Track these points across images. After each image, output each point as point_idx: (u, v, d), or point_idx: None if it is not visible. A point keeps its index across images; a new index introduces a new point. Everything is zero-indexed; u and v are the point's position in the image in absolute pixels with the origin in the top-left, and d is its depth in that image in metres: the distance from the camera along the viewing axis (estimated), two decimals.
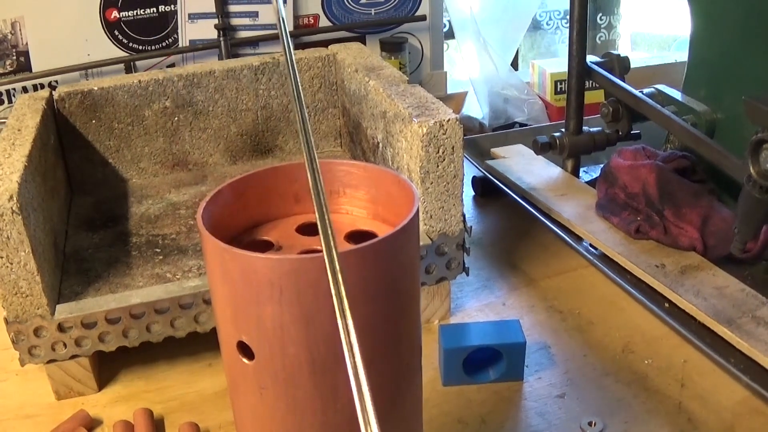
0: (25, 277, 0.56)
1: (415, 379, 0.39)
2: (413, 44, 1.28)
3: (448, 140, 0.61)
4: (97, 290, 0.63)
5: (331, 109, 0.89)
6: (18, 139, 0.65)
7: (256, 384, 0.35)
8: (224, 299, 0.34)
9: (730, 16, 0.75)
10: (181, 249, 0.70)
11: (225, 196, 0.38)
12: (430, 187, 0.63)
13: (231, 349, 0.35)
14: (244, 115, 0.86)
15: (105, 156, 0.83)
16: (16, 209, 0.54)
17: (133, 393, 0.62)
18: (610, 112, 0.84)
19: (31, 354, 0.58)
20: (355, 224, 0.40)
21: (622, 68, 0.87)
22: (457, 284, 0.74)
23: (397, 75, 0.73)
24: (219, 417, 0.59)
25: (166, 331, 0.60)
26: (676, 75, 0.97)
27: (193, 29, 1.17)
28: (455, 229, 0.65)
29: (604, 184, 0.78)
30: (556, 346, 0.65)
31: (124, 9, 1.14)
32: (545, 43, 1.55)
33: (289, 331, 0.32)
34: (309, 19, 1.22)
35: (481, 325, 0.63)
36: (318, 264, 0.31)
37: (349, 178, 0.41)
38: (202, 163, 0.87)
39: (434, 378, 0.62)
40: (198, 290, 0.59)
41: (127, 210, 0.78)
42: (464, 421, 0.58)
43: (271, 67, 0.85)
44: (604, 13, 1.51)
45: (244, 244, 0.39)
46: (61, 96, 0.79)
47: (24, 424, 0.60)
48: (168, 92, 0.82)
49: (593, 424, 0.55)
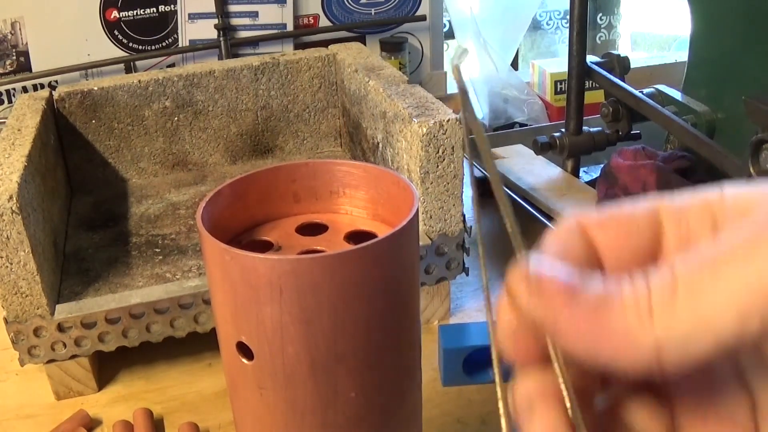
0: (24, 277, 0.56)
1: (415, 379, 0.39)
2: (413, 44, 1.28)
3: (448, 140, 0.61)
4: (96, 290, 0.63)
5: (331, 109, 0.89)
6: (18, 139, 0.65)
7: (256, 384, 0.35)
8: (224, 299, 0.34)
9: (730, 16, 0.75)
10: (180, 249, 0.70)
11: (225, 196, 0.38)
12: (430, 187, 0.62)
13: (230, 349, 0.35)
14: (244, 115, 0.86)
15: (105, 156, 0.83)
16: (15, 209, 0.54)
17: (132, 393, 0.62)
18: (610, 112, 0.84)
19: (31, 354, 0.58)
20: (355, 224, 0.40)
21: (622, 68, 0.87)
22: (456, 284, 0.74)
23: (397, 75, 0.73)
24: (219, 417, 0.59)
25: (165, 331, 0.60)
26: (676, 75, 0.97)
27: (193, 29, 1.17)
28: (455, 229, 0.65)
29: (604, 184, 0.78)
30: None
31: (124, 9, 1.14)
32: (545, 43, 1.55)
33: (288, 331, 0.32)
34: (309, 19, 1.22)
35: (481, 325, 0.63)
36: (318, 264, 0.31)
37: (349, 178, 0.41)
38: (202, 163, 0.87)
39: (434, 378, 0.62)
40: (198, 290, 0.59)
41: (127, 210, 0.78)
42: (464, 421, 0.58)
43: (271, 67, 0.85)
44: (604, 13, 1.51)
45: (243, 244, 0.39)
46: (61, 96, 0.79)
47: (24, 424, 0.60)
48: (168, 92, 0.82)
49: None
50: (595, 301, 0.21)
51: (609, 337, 0.21)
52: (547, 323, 0.22)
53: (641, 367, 0.21)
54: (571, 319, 0.21)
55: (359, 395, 0.35)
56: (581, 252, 0.24)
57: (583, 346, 0.21)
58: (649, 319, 0.20)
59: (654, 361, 0.20)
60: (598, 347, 0.21)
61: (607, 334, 0.21)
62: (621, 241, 0.24)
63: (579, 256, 0.24)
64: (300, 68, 0.86)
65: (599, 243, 0.24)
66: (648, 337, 0.20)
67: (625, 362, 0.21)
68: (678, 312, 0.20)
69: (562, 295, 0.22)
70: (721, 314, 0.20)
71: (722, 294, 0.20)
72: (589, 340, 0.21)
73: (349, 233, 0.40)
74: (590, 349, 0.21)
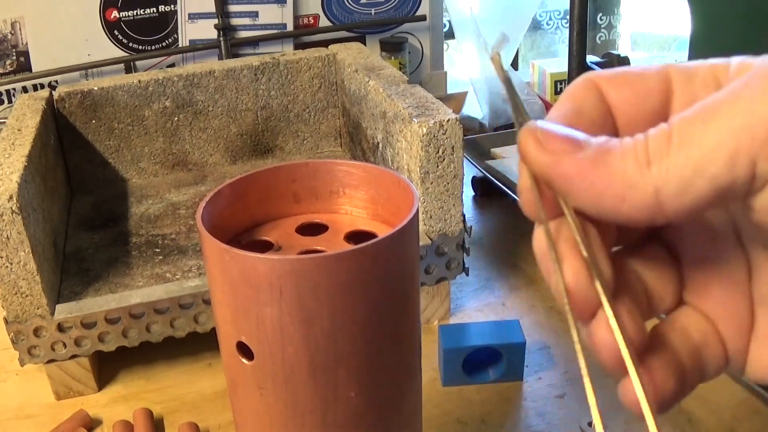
0: (24, 277, 0.56)
1: (415, 379, 0.39)
2: (413, 44, 1.28)
3: (448, 140, 0.61)
4: (96, 290, 0.63)
5: (331, 109, 0.89)
6: (18, 139, 0.65)
7: (256, 384, 0.35)
8: (223, 299, 0.34)
9: (730, 16, 0.75)
10: (180, 249, 0.70)
11: (224, 196, 0.38)
12: (430, 187, 0.62)
13: (230, 349, 0.35)
14: (244, 115, 0.86)
15: (105, 156, 0.83)
16: (15, 209, 0.54)
17: (132, 393, 0.62)
18: None
19: (31, 354, 0.58)
20: (355, 224, 0.40)
21: None
22: (456, 284, 0.74)
23: (397, 75, 0.73)
24: (219, 417, 0.59)
25: (165, 331, 0.60)
26: None
27: (193, 29, 1.17)
28: (455, 229, 0.65)
29: None
30: (556, 346, 0.65)
31: (124, 9, 1.14)
32: (545, 43, 1.55)
33: (288, 331, 0.32)
34: (309, 19, 1.22)
35: (480, 326, 0.63)
36: (318, 264, 0.31)
37: (349, 178, 0.41)
38: (202, 163, 0.87)
39: (434, 378, 0.62)
40: (198, 290, 0.59)
41: (127, 210, 0.78)
42: (464, 421, 0.58)
43: (271, 67, 0.85)
44: (604, 13, 1.51)
45: (243, 244, 0.39)
46: (61, 96, 0.79)
47: (24, 424, 0.60)
48: (168, 92, 0.82)
49: (593, 425, 0.55)
50: (596, 151, 0.22)
51: (610, 184, 0.22)
52: (553, 174, 0.23)
53: (643, 214, 0.22)
54: (574, 167, 0.22)
55: (359, 395, 0.35)
56: (595, 109, 0.25)
57: (586, 195, 0.23)
58: (647, 166, 0.21)
59: (655, 207, 0.22)
60: (601, 195, 0.22)
61: (608, 181, 0.22)
62: (633, 100, 0.25)
63: (592, 113, 0.25)
64: (300, 68, 0.86)
65: (612, 101, 0.25)
66: (647, 183, 0.21)
67: (628, 208, 0.22)
68: (672, 158, 0.21)
69: (565, 146, 0.23)
70: (712, 158, 0.21)
71: (712, 138, 0.21)
72: (592, 188, 0.22)
73: (349, 233, 0.40)
74: (593, 198, 0.22)
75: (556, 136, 0.23)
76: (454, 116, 0.61)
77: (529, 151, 0.23)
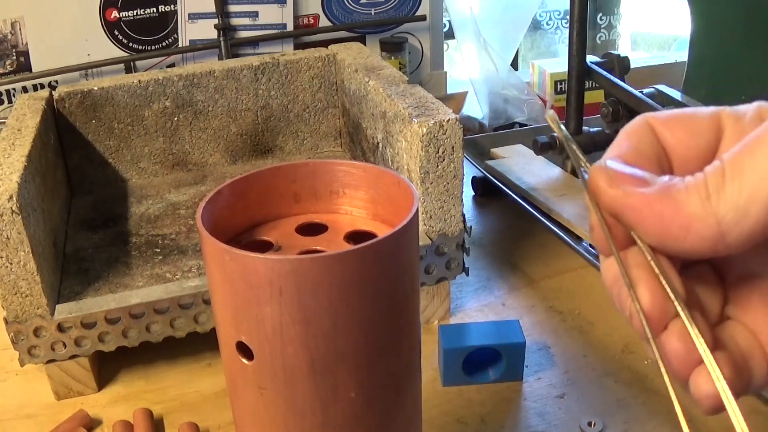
0: (24, 277, 0.56)
1: (414, 379, 0.39)
2: (413, 44, 1.28)
3: (448, 140, 0.61)
4: (96, 290, 0.63)
5: (331, 109, 0.89)
6: (18, 139, 0.65)
7: (256, 384, 0.35)
8: (223, 299, 0.34)
9: (730, 16, 0.75)
10: (180, 249, 0.70)
11: (224, 196, 0.38)
12: (430, 187, 0.63)
13: (230, 349, 0.35)
14: (244, 115, 0.86)
15: (105, 156, 0.83)
16: (15, 209, 0.54)
17: (132, 393, 0.62)
18: (610, 112, 0.84)
19: (31, 354, 0.58)
20: (355, 224, 0.40)
21: (622, 68, 0.87)
22: (456, 284, 0.74)
23: (397, 75, 0.73)
24: (219, 417, 0.59)
25: (165, 331, 0.60)
26: (676, 75, 0.97)
27: (193, 29, 1.17)
28: (455, 229, 0.65)
29: None
30: (556, 346, 0.65)
31: (124, 9, 1.14)
32: (545, 43, 1.55)
33: (288, 331, 0.32)
34: (309, 19, 1.22)
35: (480, 326, 0.63)
36: (318, 264, 0.31)
37: (349, 179, 0.41)
38: (202, 163, 0.87)
39: (434, 378, 0.62)
40: (198, 290, 0.59)
41: (127, 210, 0.78)
42: (464, 421, 0.58)
43: (271, 67, 0.85)
44: (604, 13, 1.51)
45: (243, 244, 0.39)
46: (61, 96, 0.79)
47: (24, 424, 0.60)
48: (168, 92, 0.82)
49: (593, 425, 0.55)
50: (661, 186, 0.25)
51: (677, 215, 0.24)
52: (623, 207, 0.26)
53: (707, 244, 0.24)
54: (644, 200, 0.25)
55: (359, 395, 0.35)
56: (651, 149, 0.28)
57: (653, 226, 0.25)
58: (707, 199, 0.24)
59: (717, 236, 0.24)
60: (668, 225, 0.25)
61: (675, 212, 0.24)
62: (686, 140, 0.28)
63: (649, 152, 0.27)
64: (300, 68, 0.86)
65: (667, 140, 0.28)
66: (709, 214, 0.24)
67: (692, 238, 0.24)
68: (728, 189, 0.24)
69: (634, 182, 0.26)
70: (762, 185, 0.23)
71: (760, 166, 0.23)
72: (660, 219, 0.25)
73: (349, 233, 0.40)
74: (660, 228, 0.25)
75: (624, 174, 0.26)
76: (454, 116, 0.61)
77: (601, 185, 0.26)
